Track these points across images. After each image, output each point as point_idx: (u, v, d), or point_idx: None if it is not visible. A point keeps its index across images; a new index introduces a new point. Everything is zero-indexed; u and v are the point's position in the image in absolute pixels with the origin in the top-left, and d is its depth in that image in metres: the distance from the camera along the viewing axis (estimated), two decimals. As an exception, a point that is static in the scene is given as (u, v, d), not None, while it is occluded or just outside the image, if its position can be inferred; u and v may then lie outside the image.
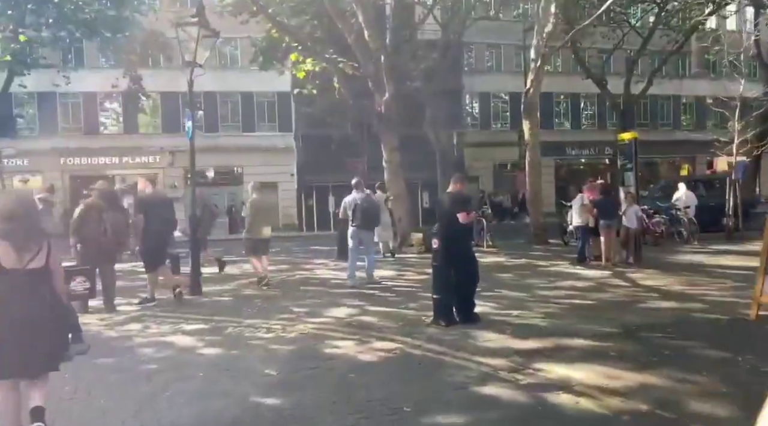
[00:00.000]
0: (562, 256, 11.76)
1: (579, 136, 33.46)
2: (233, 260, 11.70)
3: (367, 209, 8.78)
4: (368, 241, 9.07)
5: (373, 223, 9.02)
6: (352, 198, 9.18)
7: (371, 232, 9.08)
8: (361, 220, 8.69)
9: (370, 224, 8.89)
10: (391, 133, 13.23)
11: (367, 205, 8.86)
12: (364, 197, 9.02)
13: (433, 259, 5.99)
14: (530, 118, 13.56)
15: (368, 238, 9.03)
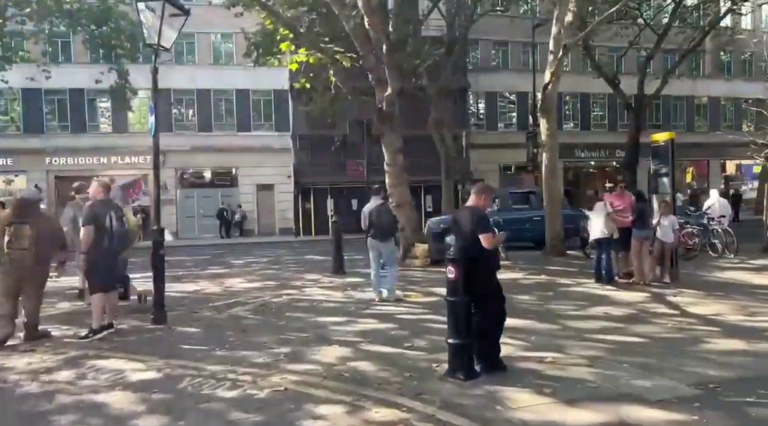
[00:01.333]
0: (585, 271, 10.44)
1: (588, 137, 32.15)
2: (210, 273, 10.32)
3: (380, 218, 8.20)
4: (387, 253, 8.33)
5: (389, 232, 8.39)
6: (368, 206, 8.50)
7: (389, 242, 8.36)
8: (375, 229, 8.18)
9: (385, 234, 8.29)
10: (394, 133, 11.93)
11: (381, 214, 8.24)
12: (380, 205, 8.36)
13: (449, 291, 4.66)
14: (548, 117, 12.24)
15: (387, 249, 8.31)
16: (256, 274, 11.16)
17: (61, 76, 25.28)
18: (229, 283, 9.90)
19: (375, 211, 8.24)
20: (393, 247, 8.55)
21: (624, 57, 28.24)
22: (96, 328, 6.09)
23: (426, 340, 5.78)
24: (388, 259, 8.34)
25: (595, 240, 9.48)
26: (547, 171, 12.52)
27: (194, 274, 11.34)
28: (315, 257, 15.26)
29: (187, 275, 11.24)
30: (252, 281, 10.07)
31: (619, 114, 32.72)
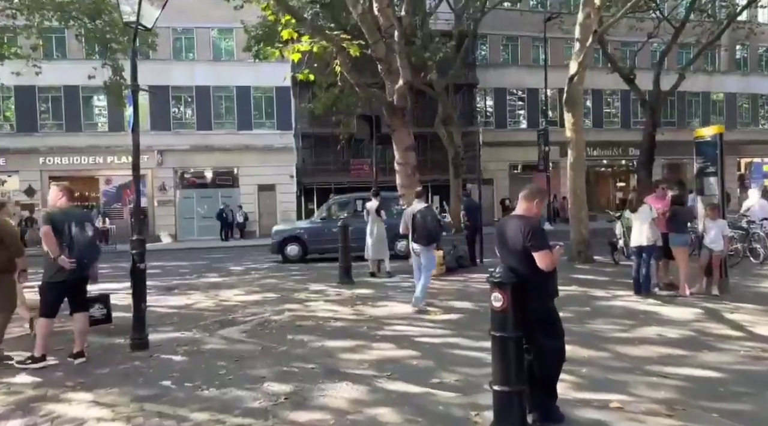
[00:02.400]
0: (617, 281, 9.44)
1: (601, 135, 31.06)
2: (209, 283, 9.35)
3: (424, 222, 7.82)
4: (427, 259, 7.90)
5: (430, 237, 7.89)
6: (410, 209, 8.26)
7: (428, 248, 7.91)
8: (419, 233, 7.89)
9: (429, 239, 7.86)
10: (406, 129, 10.94)
11: (425, 217, 7.85)
12: (424, 208, 8.01)
13: (496, 325, 3.66)
14: (574, 110, 11.22)
15: (427, 255, 7.89)
16: (255, 284, 10.17)
17: (56, 72, 24.41)
18: (225, 295, 8.92)
19: (419, 215, 7.86)
20: (433, 256, 8.02)
21: (637, 52, 27.10)
22: (37, 355, 5.17)
23: (457, 375, 4.79)
24: (426, 265, 7.84)
25: (637, 247, 8.46)
26: (572, 170, 11.50)
27: (188, 284, 10.37)
28: (320, 264, 14.27)
29: (180, 285, 10.26)
30: (250, 293, 9.09)
31: (633, 111, 31.69)
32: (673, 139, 30.04)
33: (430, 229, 7.80)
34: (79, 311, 5.47)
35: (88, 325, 5.65)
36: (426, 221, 7.82)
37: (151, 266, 14.63)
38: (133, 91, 6.27)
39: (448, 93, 24.47)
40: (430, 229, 7.81)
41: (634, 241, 8.53)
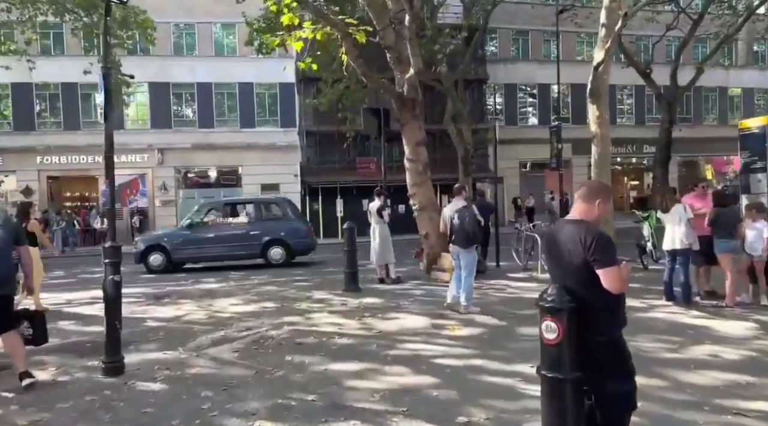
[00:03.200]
0: (650, 288, 8.58)
1: (614, 132, 29.82)
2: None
3: (463, 222, 7.26)
4: (468, 262, 7.34)
5: (468, 239, 7.33)
6: (448, 209, 7.69)
7: (468, 250, 7.37)
8: (457, 235, 7.34)
9: (462, 240, 7.32)
10: (417, 122, 10.10)
11: (464, 217, 7.29)
12: (462, 207, 7.46)
13: (548, 362, 2.83)
14: (598, 102, 10.34)
15: (468, 257, 7.34)
16: (253, 291, 9.37)
17: (54, 69, 23.75)
18: (219, 305, 8.12)
19: (458, 215, 7.29)
20: (474, 255, 7.46)
21: (654, 44, 26.15)
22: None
23: (487, 410, 3.97)
24: (467, 268, 7.31)
25: (670, 251, 7.62)
26: (597, 167, 10.62)
27: (181, 291, 9.58)
28: (324, 269, 13.47)
29: (172, 293, 9.48)
30: (247, 302, 8.29)
31: (647, 107, 30.70)
32: (688, 136, 29.09)
33: (468, 230, 7.24)
34: (3, 331, 4.68)
35: (20, 344, 4.80)
36: (464, 223, 7.26)
37: (143, 272, 13.97)
38: (104, 74, 5.42)
39: (458, 88, 23.63)
40: (468, 230, 7.24)
41: (666, 244, 7.69)
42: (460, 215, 7.33)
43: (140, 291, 9.84)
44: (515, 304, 7.73)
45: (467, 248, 7.32)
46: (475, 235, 7.38)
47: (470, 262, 7.34)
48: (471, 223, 7.27)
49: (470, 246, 7.35)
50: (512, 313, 7.21)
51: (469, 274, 7.33)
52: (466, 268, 7.33)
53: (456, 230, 7.37)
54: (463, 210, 7.37)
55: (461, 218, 7.31)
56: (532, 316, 6.92)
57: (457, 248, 7.42)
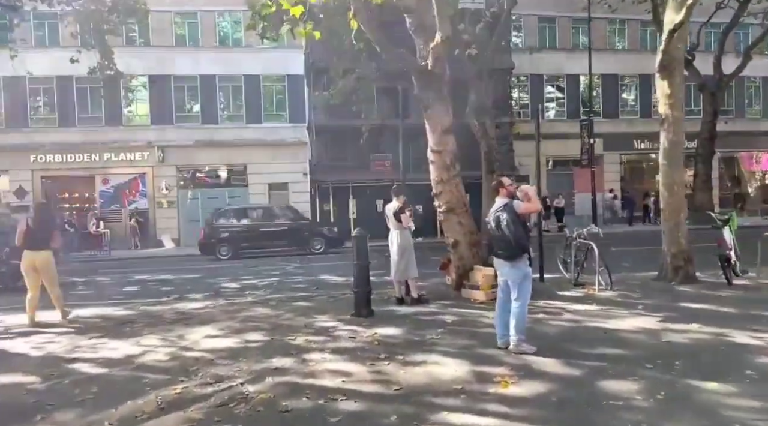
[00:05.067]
0: (752, 313, 6.60)
1: (649, 126, 27.77)
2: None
3: (503, 226, 5.38)
4: (516, 278, 5.41)
5: (511, 248, 5.37)
6: (492, 210, 5.66)
7: (514, 263, 5.40)
8: (498, 243, 5.49)
9: (504, 250, 5.43)
10: (443, 103, 8.19)
11: (504, 220, 5.37)
12: (502, 206, 5.48)
13: None
14: (670, 79, 8.33)
15: (516, 273, 5.41)
16: (241, 315, 7.50)
17: (48, 62, 22.26)
18: (192, 337, 6.27)
19: (498, 217, 5.44)
20: (526, 271, 5.46)
21: (700, 29, 23.85)
22: None
23: None
24: (517, 288, 5.41)
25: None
26: (667, 158, 8.57)
27: (151, 316, 7.75)
28: (332, 278, 11.63)
29: (139, 316, 7.65)
30: (229, 333, 6.43)
31: (684, 98, 28.33)
32: (728, 130, 26.74)
33: (509, 236, 5.31)
34: None
35: None
36: (502, 226, 5.35)
37: (131, 282, 12.30)
38: None
39: (481, 78, 21.63)
40: (509, 236, 5.31)
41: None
42: (495, 218, 5.44)
43: (104, 313, 8.05)
44: (582, 339, 5.78)
45: (512, 261, 5.37)
46: (521, 240, 5.35)
47: (520, 282, 5.40)
48: (512, 227, 5.29)
49: (516, 258, 5.37)
50: (582, 352, 5.27)
51: (519, 298, 5.40)
52: (515, 291, 5.41)
53: (494, 237, 5.49)
54: (504, 208, 5.42)
55: (497, 221, 5.41)
56: (610, 360, 4.99)
57: (499, 262, 5.52)
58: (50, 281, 7.31)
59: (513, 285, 5.43)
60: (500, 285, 5.65)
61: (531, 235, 5.68)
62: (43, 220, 7.36)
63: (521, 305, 5.41)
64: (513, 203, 5.43)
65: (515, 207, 5.39)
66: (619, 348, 5.46)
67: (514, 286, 5.43)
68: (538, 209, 5.65)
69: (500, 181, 5.62)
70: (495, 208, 5.51)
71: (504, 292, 5.60)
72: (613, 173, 27.58)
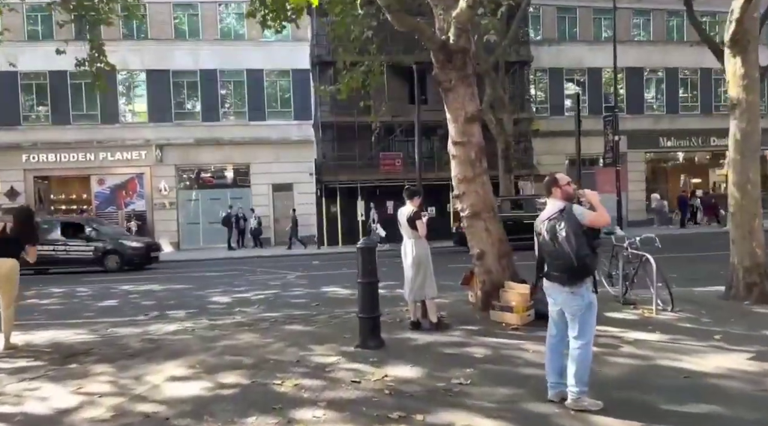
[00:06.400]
0: None
1: (676, 122, 26.27)
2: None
3: (550, 238, 3.96)
4: (576, 309, 3.97)
5: (572, 269, 3.89)
6: (542, 217, 4.18)
7: (572, 289, 3.95)
8: (551, 261, 4.01)
9: (561, 272, 3.95)
10: (467, 87, 6.79)
11: (549, 231, 3.97)
12: (554, 212, 4.01)
13: None
14: (744, 55, 6.86)
15: (575, 301, 3.96)
16: (220, 345, 6.14)
17: (40, 56, 21.12)
18: (151, 379, 4.90)
19: (548, 225, 3.99)
20: (590, 300, 3.96)
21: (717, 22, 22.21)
22: None
23: None
24: (578, 322, 3.96)
25: None
26: (738, 152, 7.08)
27: (110, 344, 6.40)
28: (337, 290, 10.28)
29: (96, 346, 6.29)
30: (199, 373, 5.04)
31: (714, 93, 26.73)
32: (764, 127, 25.11)
33: (568, 251, 3.83)
34: None
35: None
36: (558, 238, 3.87)
37: (111, 295, 10.98)
38: None
39: (498, 71, 20.22)
40: (568, 252, 3.83)
41: None
42: (550, 227, 3.96)
43: (62, 337, 6.74)
44: (658, 387, 4.36)
45: (572, 286, 3.91)
46: (585, 258, 3.86)
47: (582, 314, 3.95)
48: (572, 236, 3.83)
49: (577, 282, 3.91)
50: (665, 410, 3.87)
51: (581, 336, 3.98)
52: (575, 326, 3.99)
53: (548, 252, 4.01)
54: (559, 216, 3.96)
55: (552, 231, 3.93)
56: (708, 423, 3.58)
57: (554, 286, 4.05)
58: (8, 296, 6.06)
59: (572, 318, 4.01)
60: (552, 317, 4.22)
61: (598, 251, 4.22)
62: (23, 229, 6.17)
63: (584, 346, 3.99)
64: (573, 208, 4.01)
65: (577, 214, 3.97)
66: (714, 402, 4.04)
67: (573, 319, 4.01)
68: (607, 221, 4.17)
69: (554, 178, 4.20)
70: (548, 213, 4.07)
71: (558, 327, 4.18)
72: (637, 172, 25.99)
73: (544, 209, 4.27)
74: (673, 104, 26.41)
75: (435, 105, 14.49)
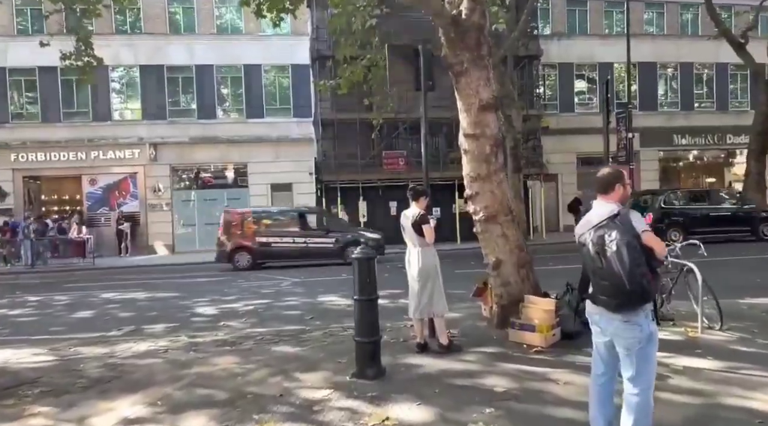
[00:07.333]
0: None
1: (690, 119, 25.25)
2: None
3: (595, 251, 2.97)
4: (630, 342, 3.02)
5: (637, 291, 2.89)
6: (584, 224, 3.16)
7: (628, 316, 2.98)
8: (597, 280, 3.03)
9: (613, 295, 2.96)
10: (482, 69, 5.88)
11: (597, 240, 2.97)
12: (604, 219, 3.01)
13: None
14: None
15: (629, 336, 3.01)
16: (192, 372, 5.23)
17: (30, 52, 20.26)
18: (99, 421, 4.01)
19: (595, 236, 3.02)
20: (650, 331, 3.03)
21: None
22: None
23: None
24: (635, 360, 3.04)
25: None
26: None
27: (69, 371, 5.52)
28: (334, 300, 9.38)
29: (46, 375, 5.37)
30: (158, 415, 4.14)
31: (731, 89, 25.74)
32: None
33: (620, 271, 2.87)
34: None
35: None
36: (608, 253, 2.91)
37: (89, 304, 10.15)
38: None
39: (507, 66, 19.30)
40: (620, 271, 2.87)
41: None
42: (599, 236, 2.99)
43: (16, 359, 5.87)
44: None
45: (626, 313, 2.98)
46: (641, 282, 2.88)
47: (639, 349, 3.02)
48: (626, 250, 2.87)
49: (633, 308, 2.97)
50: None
51: (639, 377, 3.04)
52: (630, 365, 3.05)
53: (593, 270, 3.05)
54: (610, 223, 2.99)
55: (600, 243, 2.96)
56: None
57: (601, 312, 3.10)
58: None
59: (627, 354, 3.07)
60: (598, 351, 3.28)
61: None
62: None
63: (644, 392, 3.06)
64: (630, 215, 3.08)
65: (635, 222, 3.05)
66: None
67: (628, 356, 3.07)
68: (664, 252, 3.20)
69: (620, 172, 3.27)
70: (595, 219, 3.13)
71: (607, 364, 3.25)
72: (650, 171, 25.00)
73: (584, 212, 3.36)
74: (687, 100, 25.43)
75: (443, 91, 13.53)
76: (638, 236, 2.97)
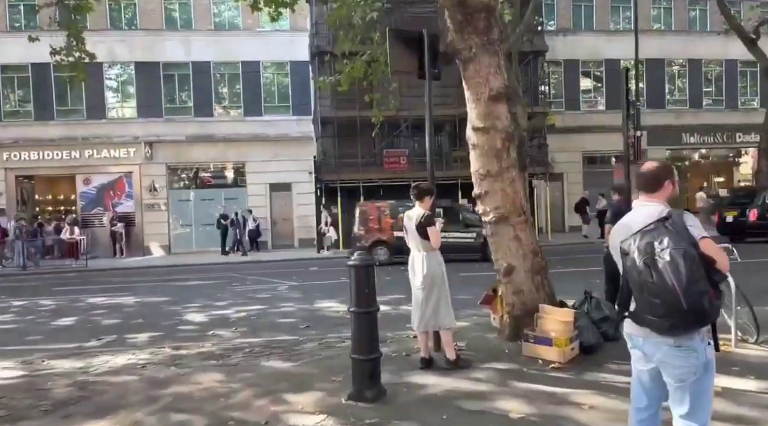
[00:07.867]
0: None
1: (699, 117, 24.65)
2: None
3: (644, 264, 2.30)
4: (678, 374, 2.45)
5: (686, 312, 2.27)
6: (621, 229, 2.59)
7: (681, 341, 2.40)
8: (644, 297, 2.34)
9: (658, 315, 2.33)
10: (492, 56, 5.36)
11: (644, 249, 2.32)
12: (650, 224, 2.39)
13: None
14: None
15: (674, 361, 2.43)
16: (169, 392, 4.70)
17: (22, 48, 19.73)
18: None
19: (642, 244, 2.39)
20: (707, 359, 2.47)
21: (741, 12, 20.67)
22: None
23: None
24: (689, 393, 2.47)
25: None
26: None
27: (32, 391, 4.98)
28: (332, 306, 8.83)
29: (8, 398, 4.85)
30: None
31: (741, 86, 25.16)
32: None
33: (673, 285, 2.28)
34: None
35: None
36: (659, 264, 2.32)
37: (72, 309, 9.76)
38: None
39: (511, 61, 18.73)
40: (673, 285, 2.27)
41: None
42: (646, 243, 2.40)
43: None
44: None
45: (678, 336, 2.42)
46: (701, 301, 2.30)
47: (695, 379, 2.46)
48: (682, 259, 2.29)
49: (686, 331, 2.41)
50: None
51: (693, 414, 2.49)
52: (683, 399, 2.50)
53: (639, 284, 2.43)
54: (660, 227, 2.42)
55: (648, 251, 2.38)
56: None
57: (647, 334, 2.52)
58: None
59: (679, 385, 2.52)
60: (640, 380, 2.73)
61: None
62: None
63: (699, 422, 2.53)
64: (685, 217, 2.53)
65: (690, 226, 2.49)
66: None
67: (681, 388, 2.52)
68: (727, 267, 2.62)
69: (669, 167, 2.73)
70: (640, 222, 2.57)
71: (650, 397, 2.70)
72: (658, 171, 24.36)
73: (620, 213, 2.82)
74: (695, 98, 24.84)
75: (446, 88, 12.96)
76: (696, 244, 2.42)
